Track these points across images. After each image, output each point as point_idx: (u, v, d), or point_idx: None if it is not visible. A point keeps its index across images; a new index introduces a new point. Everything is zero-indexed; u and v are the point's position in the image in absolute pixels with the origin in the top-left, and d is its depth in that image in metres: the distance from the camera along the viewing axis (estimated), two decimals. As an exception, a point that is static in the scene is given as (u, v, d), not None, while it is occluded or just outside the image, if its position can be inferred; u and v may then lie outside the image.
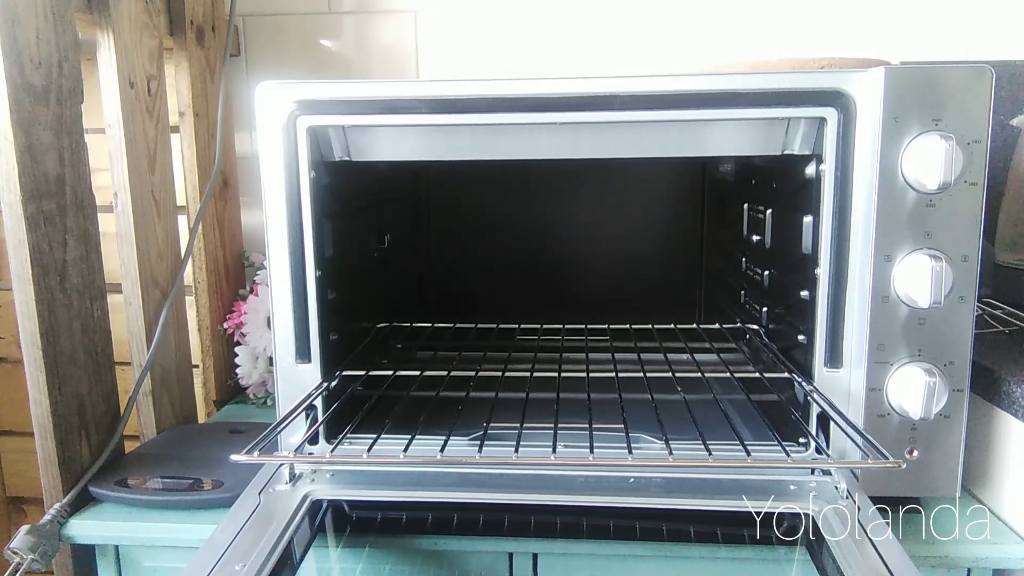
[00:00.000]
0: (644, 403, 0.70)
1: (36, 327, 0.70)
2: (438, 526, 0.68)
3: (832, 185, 0.64)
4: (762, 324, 0.85)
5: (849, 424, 0.62)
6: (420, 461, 0.67)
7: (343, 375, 0.74)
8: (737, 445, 0.61)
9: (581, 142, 0.69)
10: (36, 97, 0.69)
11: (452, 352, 0.92)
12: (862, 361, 0.64)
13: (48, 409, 0.71)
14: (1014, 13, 1.03)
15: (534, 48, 1.10)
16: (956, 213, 0.61)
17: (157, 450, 0.83)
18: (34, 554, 0.66)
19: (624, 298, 1.10)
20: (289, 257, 0.68)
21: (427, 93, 0.66)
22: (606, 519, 0.67)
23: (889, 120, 0.61)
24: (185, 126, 0.97)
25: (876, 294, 0.63)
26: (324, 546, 0.67)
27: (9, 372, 1.18)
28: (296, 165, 0.67)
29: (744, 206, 0.93)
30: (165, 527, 0.69)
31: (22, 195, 0.68)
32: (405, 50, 1.12)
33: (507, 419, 0.69)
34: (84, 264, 0.75)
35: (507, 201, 1.11)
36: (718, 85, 0.64)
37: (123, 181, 0.82)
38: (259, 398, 1.03)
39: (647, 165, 1.08)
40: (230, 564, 0.54)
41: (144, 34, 0.86)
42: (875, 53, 0.95)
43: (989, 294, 0.90)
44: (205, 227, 1.00)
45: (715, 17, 1.07)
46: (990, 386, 0.68)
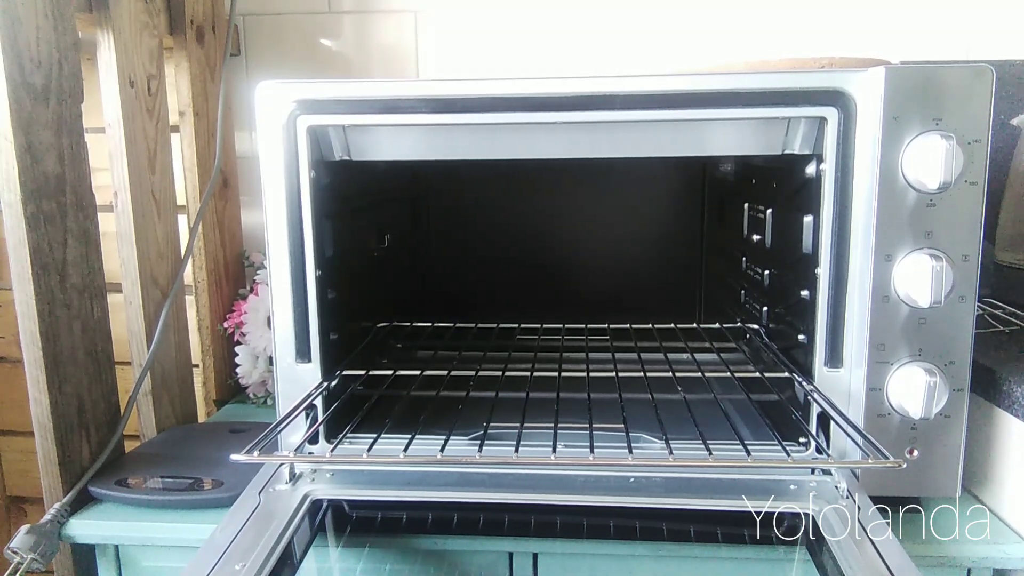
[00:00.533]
0: (644, 403, 0.70)
1: (36, 327, 0.70)
2: (438, 526, 0.68)
3: (832, 185, 0.64)
4: (762, 324, 0.85)
5: (849, 424, 0.62)
6: (420, 461, 0.67)
7: (343, 375, 0.74)
8: (737, 445, 0.61)
9: (581, 142, 0.69)
10: (36, 97, 0.69)
11: (452, 352, 0.92)
12: (862, 361, 0.64)
13: (48, 409, 0.71)
14: (1014, 13, 1.03)
15: (534, 48, 1.10)
16: (956, 213, 0.61)
17: (157, 450, 0.83)
18: (34, 554, 0.66)
19: (624, 298, 1.10)
20: (289, 257, 0.68)
21: (427, 93, 0.66)
22: (606, 519, 0.67)
23: (889, 120, 0.61)
24: (185, 126, 0.97)
25: (876, 294, 0.63)
26: (324, 546, 0.67)
27: (9, 372, 1.18)
28: (296, 165, 0.67)
29: (744, 206, 0.93)
30: (165, 527, 0.69)
31: (22, 195, 0.68)
32: (405, 50, 1.12)
33: (507, 419, 0.69)
34: (84, 264, 0.75)
35: (507, 201, 1.11)
36: (718, 85, 0.64)
37: (123, 181, 0.82)
38: (259, 398, 1.03)
39: (647, 165, 1.08)
40: (230, 564, 0.54)
41: (144, 34, 0.86)
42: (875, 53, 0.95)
43: (989, 294, 0.90)
44: (205, 227, 1.00)
45: (715, 17, 1.07)
46: (990, 386, 0.68)
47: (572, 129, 0.68)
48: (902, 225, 0.62)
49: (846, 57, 0.75)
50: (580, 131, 0.68)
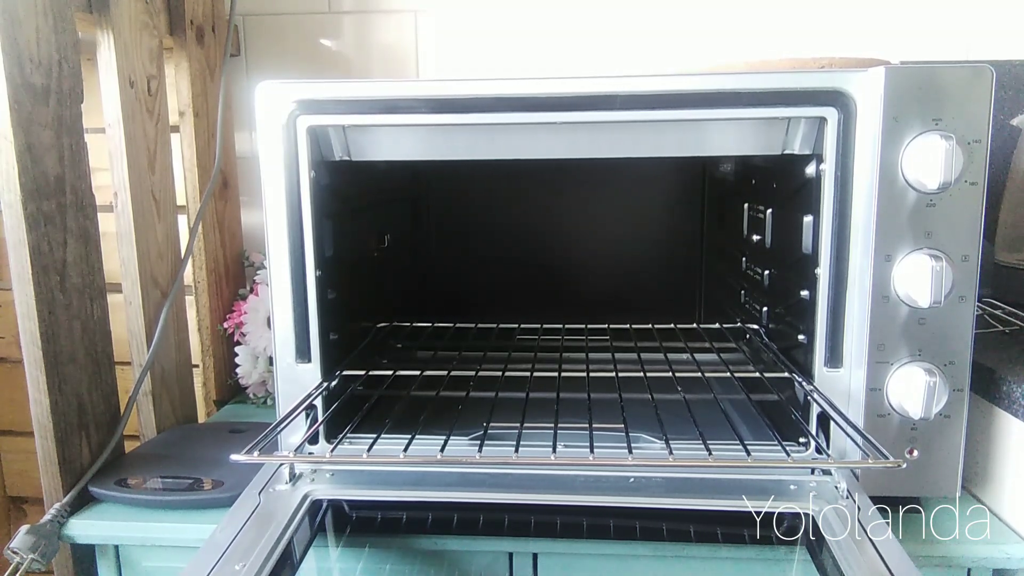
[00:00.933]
0: (644, 403, 0.70)
1: (36, 327, 0.70)
2: (438, 526, 0.68)
3: (832, 185, 0.64)
4: (762, 324, 0.85)
5: (849, 424, 0.62)
6: (420, 461, 0.67)
7: (343, 375, 0.74)
8: (737, 445, 0.61)
9: (581, 142, 0.69)
10: (36, 97, 0.69)
11: (452, 352, 0.92)
12: (862, 361, 0.64)
13: (48, 409, 0.71)
14: (1014, 13, 1.03)
15: (534, 48, 1.10)
16: (956, 213, 0.61)
17: (157, 450, 0.83)
18: (34, 554, 0.66)
19: (624, 298, 1.10)
20: (289, 257, 0.68)
21: (427, 93, 0.66)
22: (606, 519, 0.67)
23: (889, 120, 0.61)
24: (185, 126, 0.97)
25: (876, 294, 0.63)
26: (324, 546, 0.67)
27: (9, 372, 1.18)
28: (296, 165, 0.67)
29: (744, 206, 0.93)
30: (165, 527, 0.69)
31: (22, 195, 0.68)
32: (405, 50, 1.12)
33: (507, 419, 0.69)
34: (84, 264, 0.75)
35: (507, 201, 1.11)
36: (718, 85, 0.64)
37: (123, 181, 0.82)
38: (259, 398, 1.03)
39: (647, 165, 1.08)
40: (230, 564, 0.54)
41: (144, 34, 0.86)
42: (875, 53, 0.95)
43: (989, 294, 0.90)
44: (205, 227, 1.00)
45: (715, 17, 1.07)
46: (990, 386, 0.68)
47: (572, 129, 0.68)
48: (902, 225, 0.62)
49: (846, 57, 0.75)
50: (580, 131, 0.68)
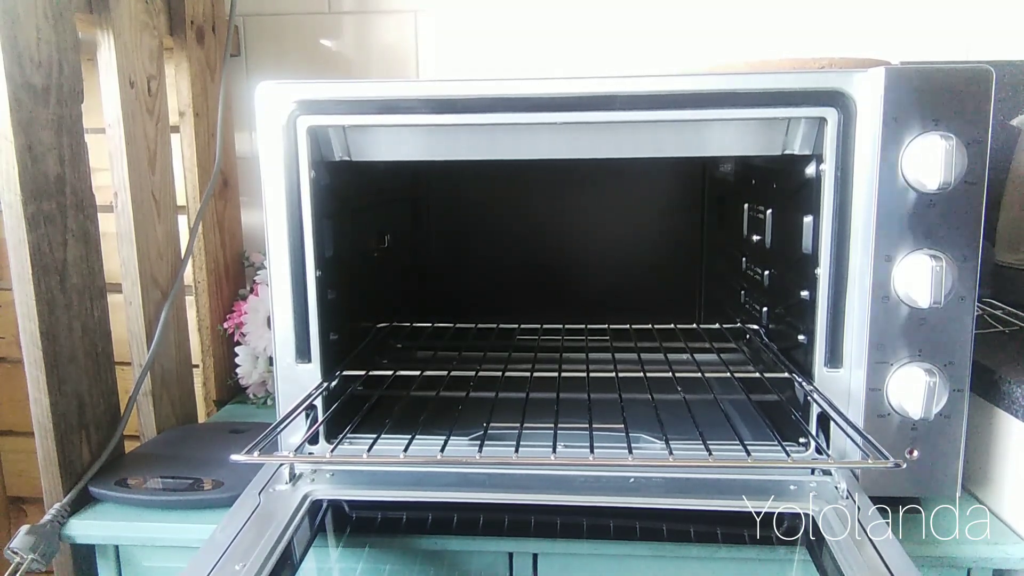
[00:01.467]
0: (644, 403, 0.70)
1: (36, 327, 0.70)
2: (438, 526, 0.68)
3: (832, 185, 0.64)
4: (762, 324, 0.85)
5: (849, 424, 0.62)
6: (420, 461, 0.67)
7: (343, 375, 0.74)
8: (737, 445, 0.61)
9: (581, 142, 0.69)
10: (36, 97, 0.69)
11: (452, 352, 0.92)
12: (862, 361, 0.64)
13: (48, 409, 0.71)
14: (1014, 13, 1.03)
15: (535, 48, 1.10)
16: (956, 213, 0.61)
17: (157, 450, 0.83)
18: (34, 554, 0.66)
19: (624, 298, 1.10)
20: (289, 257, 0.68)
21: (427, 93, 0.66)
22: (606, 519, 0.67)
23: (889, 120, 0.61)
24: (185, 126, 0.97)
25: (876, 294, 0.63)
26: (324, 546, 0.67)
27: (9, 372, 1.18)
28: (296, 165, 0.67)
29: (744, 206, 0.93)
30: (165, 527, 0.69)
31: (22, 195, 0.68)
32: (405, 50, 1.12)
33: (507, 419, 0.69)
34: (84, 264, 0.75)
35: (507, 201, 1.11)
36: (718, 85, 0.64)
37: (123, 181, 0.82)
38: (259, 398, 1.03)
39: (647, 165, 1.08)
40: (230, 564, 0.54)
41: (144, 34, 0.86)
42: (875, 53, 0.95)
43: (989, 294, 0.90)
44: (205, 227, 1.00)
45: (715, 17, 1.07)
46: (990, 386, 0.68)
47: (573, 129, 0.68)
48: (902, 225, 0.62)
49: (846, 57, 0.75)
50: (581, 131, 0.68)
